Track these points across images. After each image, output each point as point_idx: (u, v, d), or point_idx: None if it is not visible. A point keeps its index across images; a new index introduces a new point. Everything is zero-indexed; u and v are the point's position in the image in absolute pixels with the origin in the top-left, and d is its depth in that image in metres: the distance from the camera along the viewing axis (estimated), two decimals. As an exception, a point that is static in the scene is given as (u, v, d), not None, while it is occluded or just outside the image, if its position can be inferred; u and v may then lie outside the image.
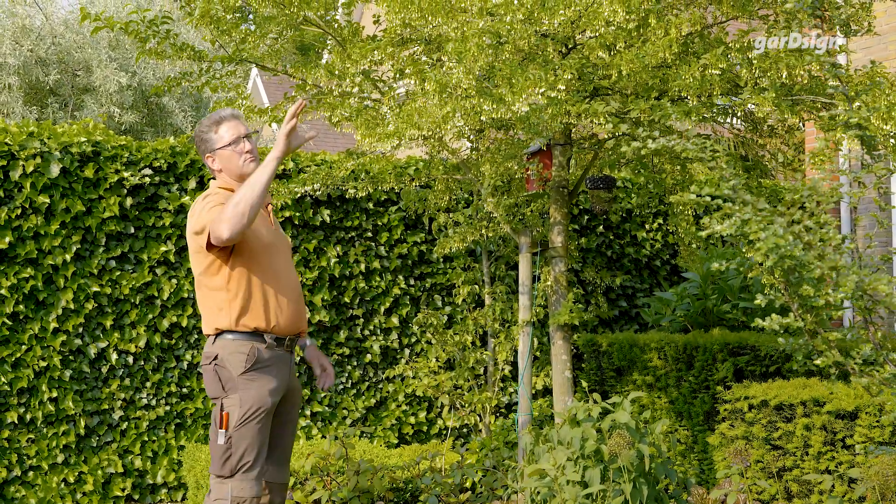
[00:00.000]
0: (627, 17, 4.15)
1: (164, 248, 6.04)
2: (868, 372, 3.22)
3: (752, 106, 5.01)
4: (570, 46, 4.78)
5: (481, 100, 4.22)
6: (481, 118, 4.28)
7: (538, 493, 4.26)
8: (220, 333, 3.64)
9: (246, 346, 3.61)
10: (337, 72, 4.92)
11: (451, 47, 4.28)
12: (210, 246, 3.56)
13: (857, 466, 4.42)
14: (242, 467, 3.55)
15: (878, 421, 4.53)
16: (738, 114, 5.37)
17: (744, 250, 3.16)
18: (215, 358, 3.62)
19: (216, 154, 3.75)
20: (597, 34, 4.30)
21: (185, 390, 6.13)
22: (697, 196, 3.11)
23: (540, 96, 4.16)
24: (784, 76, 4.15)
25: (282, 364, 3.70)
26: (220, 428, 3.56)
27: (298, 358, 6.46)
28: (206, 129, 3.79)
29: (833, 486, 4.60)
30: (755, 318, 3.83)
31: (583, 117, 4.31)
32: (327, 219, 6.49)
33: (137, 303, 6.02)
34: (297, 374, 6.37)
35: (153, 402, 6.05)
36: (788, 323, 3.12)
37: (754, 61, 4.26)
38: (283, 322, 3.68)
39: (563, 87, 4.17)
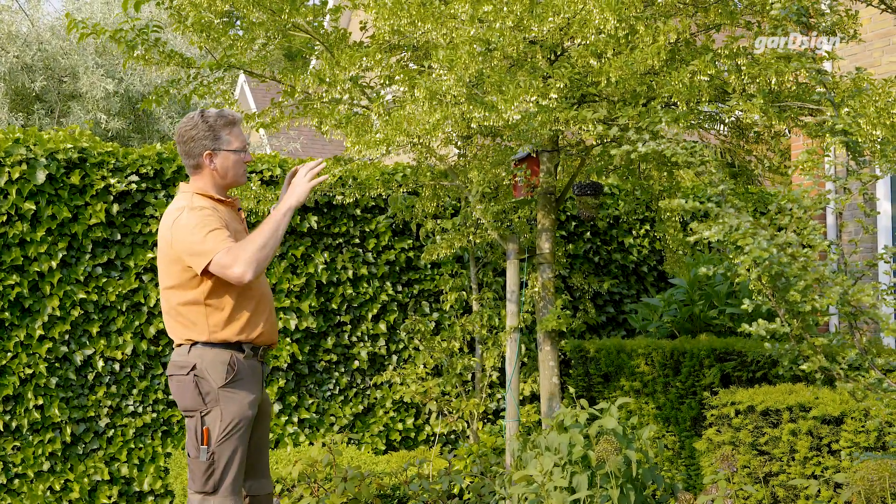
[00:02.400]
0: (618, 24, 4.16)
1: (150, 255, 6.02)
2: (853, 377, 3.24)
3: (739, 112, 5.03)
4: (558, 53, 4.80)
5: (471, 107, 4.23)
6: (471, 125, 4.28)
7: (526, 499, 4.27)
8: (195, 343, 3.54)
9: (225, 355, 3.52)
10: (327, 78, 4.92)
11: (441, 55, 4.29)
12: (206, 272, 3.45)
13: (843, 471, 4.44)
14: (225, 482, 3.47)
15: (863, 426, 4.55)
16: (726, 120, 5.40)
17: (731, 256, 3.17)
18: (193, 368, 3.50)
19: (221, 154, 3.60)
20: (586, 42, 4.32)
21: (171, 397, 6.10)
22: (685, 202, 3.12)
23: (531, 104, 4.17)
24: (773, 82, 4.17)
25: (257, 375, 3.62)
26: (202, 444, 3.47)
27: (281, 365, 6.46)
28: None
29: (819, 491, 4.61)
30: (742, 323, 3.84)
31: (571, 124, 4.32)
32: (315, 225, 6.48)
33: (124, 310, 6.00)
34: (284, 381, 6.37)
35: (140, 410, 6.03)
36: (775, 328, 3.13)
37: (743, 67, 4.29)
38: (261, 334, 3.61)
39: (555, 95, 4.19)
